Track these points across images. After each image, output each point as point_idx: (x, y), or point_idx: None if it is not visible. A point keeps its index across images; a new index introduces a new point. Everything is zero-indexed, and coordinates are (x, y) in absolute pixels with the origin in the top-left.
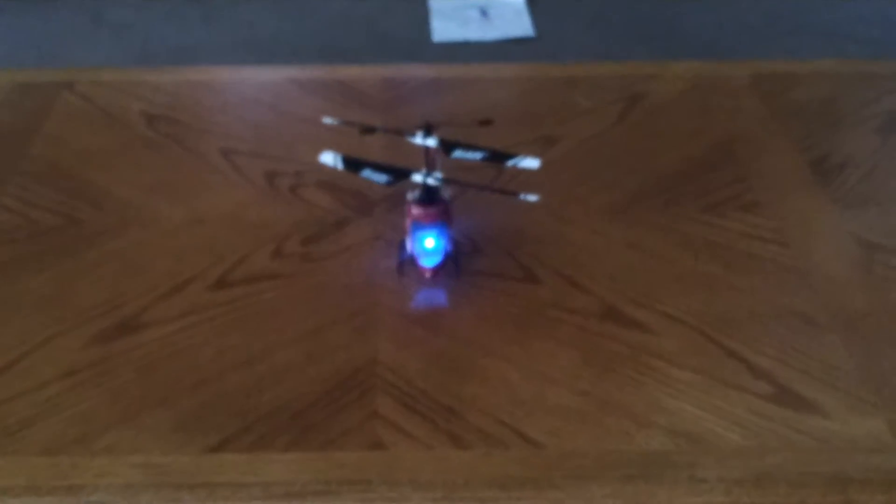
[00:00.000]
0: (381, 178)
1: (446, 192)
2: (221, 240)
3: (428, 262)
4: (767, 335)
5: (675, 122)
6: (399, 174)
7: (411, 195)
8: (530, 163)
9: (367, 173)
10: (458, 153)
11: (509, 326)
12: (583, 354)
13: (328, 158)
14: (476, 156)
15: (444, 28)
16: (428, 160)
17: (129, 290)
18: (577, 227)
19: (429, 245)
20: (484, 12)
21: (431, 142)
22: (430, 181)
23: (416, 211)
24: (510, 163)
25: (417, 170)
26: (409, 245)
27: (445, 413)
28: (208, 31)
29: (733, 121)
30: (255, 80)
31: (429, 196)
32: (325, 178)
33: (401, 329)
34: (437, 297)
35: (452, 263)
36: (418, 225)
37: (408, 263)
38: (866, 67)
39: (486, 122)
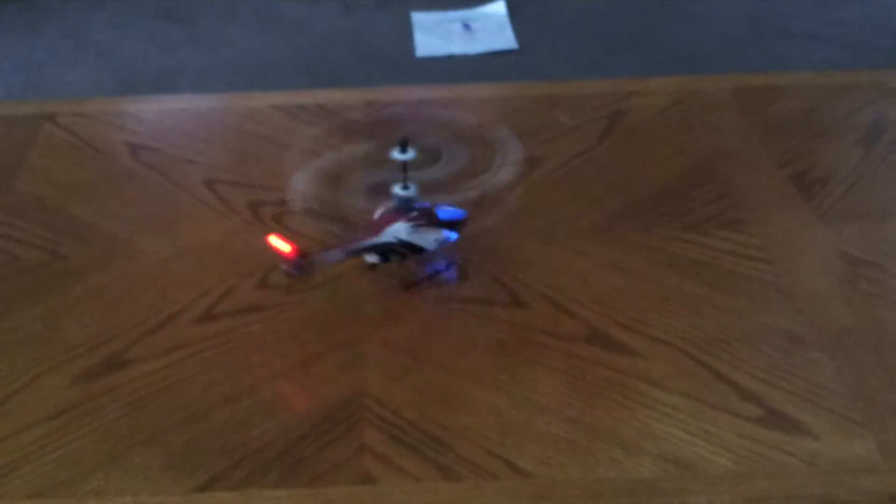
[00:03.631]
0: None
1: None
2: (207, 272)
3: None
4: (754, 356)
5: (658, 140)
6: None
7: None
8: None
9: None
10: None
11: (496, 353)
12: (570, 380)
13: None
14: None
15: (428, 43)
16: (405, 174)
17: (115, 326)
18: (561, 249)
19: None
20: (467, 26)
21: (408, 156)
22: (407, 193)
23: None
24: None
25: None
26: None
27: (434, 444)
28: (193, 52)
29: (715, 136)
30: (237, 108)
31: (406, 208)
32: (310, 207)
33: (387, 360)
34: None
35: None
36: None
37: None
38: (846, 78)
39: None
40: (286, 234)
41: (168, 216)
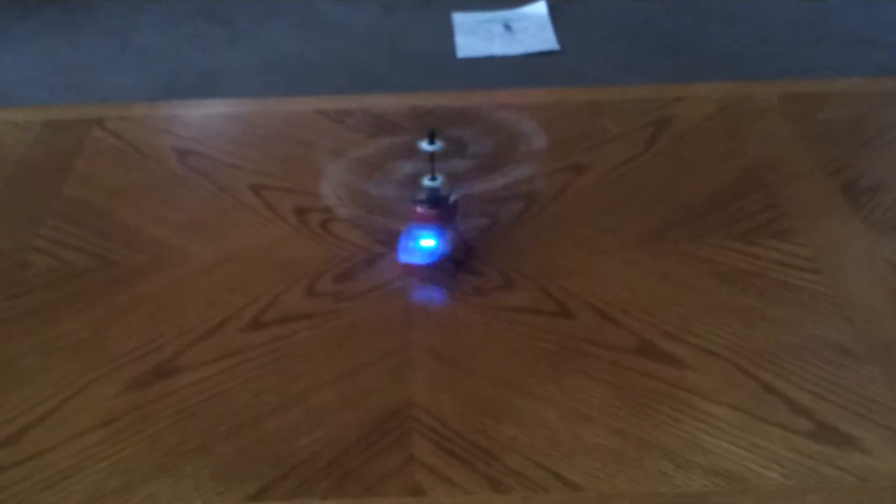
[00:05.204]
0: None
1: (452, 195)
2: (254, 279)
3: (420, 260)
4: (805, 368)
5: (705, 147)
6: None
7: (416, 197)
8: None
9: None
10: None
11: (544, 363)
12: (618, 391)
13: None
14: None
15: (469, 44)
16: (433, 165)
17: (163, 334)
18: (608, 258)
19: (427, 244)
20: (507, 27)
21: (435, 147)
22: (435, 184)
23: (420, 211)
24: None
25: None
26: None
27: (483, 456)
28: (233, 53)
29: (762, 144)
30: (282, 112)
31: (433, 199)
32: (356, 214)
33: (435, 369)
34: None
35: (450, 264)
36: (419, 225)
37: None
38: (895, 85)
39: None
40: (332, 241)
41: (215, 222)
